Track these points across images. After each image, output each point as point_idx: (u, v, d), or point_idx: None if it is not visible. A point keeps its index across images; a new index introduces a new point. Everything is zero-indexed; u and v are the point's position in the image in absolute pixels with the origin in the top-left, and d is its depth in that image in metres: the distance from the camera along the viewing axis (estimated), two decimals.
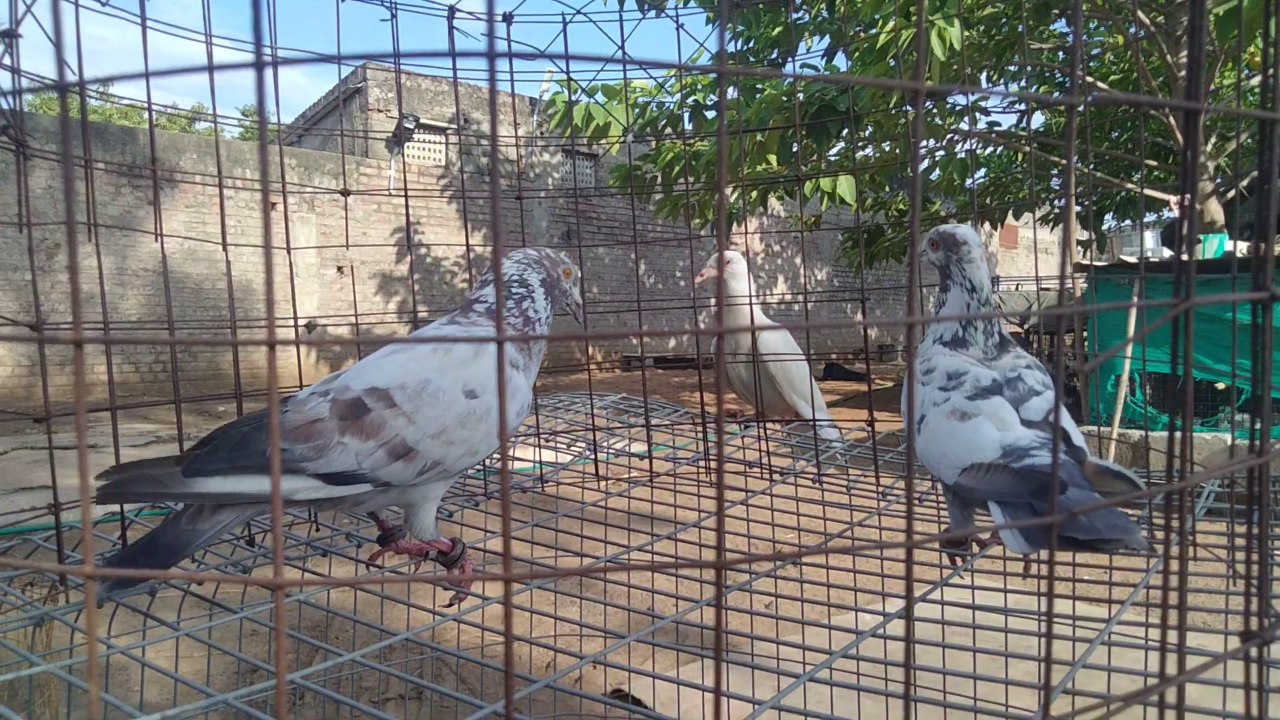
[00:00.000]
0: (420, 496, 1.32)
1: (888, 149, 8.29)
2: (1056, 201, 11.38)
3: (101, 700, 0.96)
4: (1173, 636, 0.54)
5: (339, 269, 12.97)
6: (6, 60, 1.29)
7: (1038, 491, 1.17)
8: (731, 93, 6.66)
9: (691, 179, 7.30)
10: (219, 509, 1.16)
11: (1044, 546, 1.13)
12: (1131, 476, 1.26)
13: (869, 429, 2.01)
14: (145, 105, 1.57)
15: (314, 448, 1.17)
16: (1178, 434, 0.55)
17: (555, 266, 1.50)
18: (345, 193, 1.88)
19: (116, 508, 1.57)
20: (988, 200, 10.46)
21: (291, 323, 2.14)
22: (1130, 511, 1.87)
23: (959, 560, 1.48)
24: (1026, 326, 10.35)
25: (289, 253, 1.81)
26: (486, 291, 1.45)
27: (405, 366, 1.27)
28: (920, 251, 1.62)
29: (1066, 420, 1.37)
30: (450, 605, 1.38)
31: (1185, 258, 0.51)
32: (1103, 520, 1.11)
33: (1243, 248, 5.77)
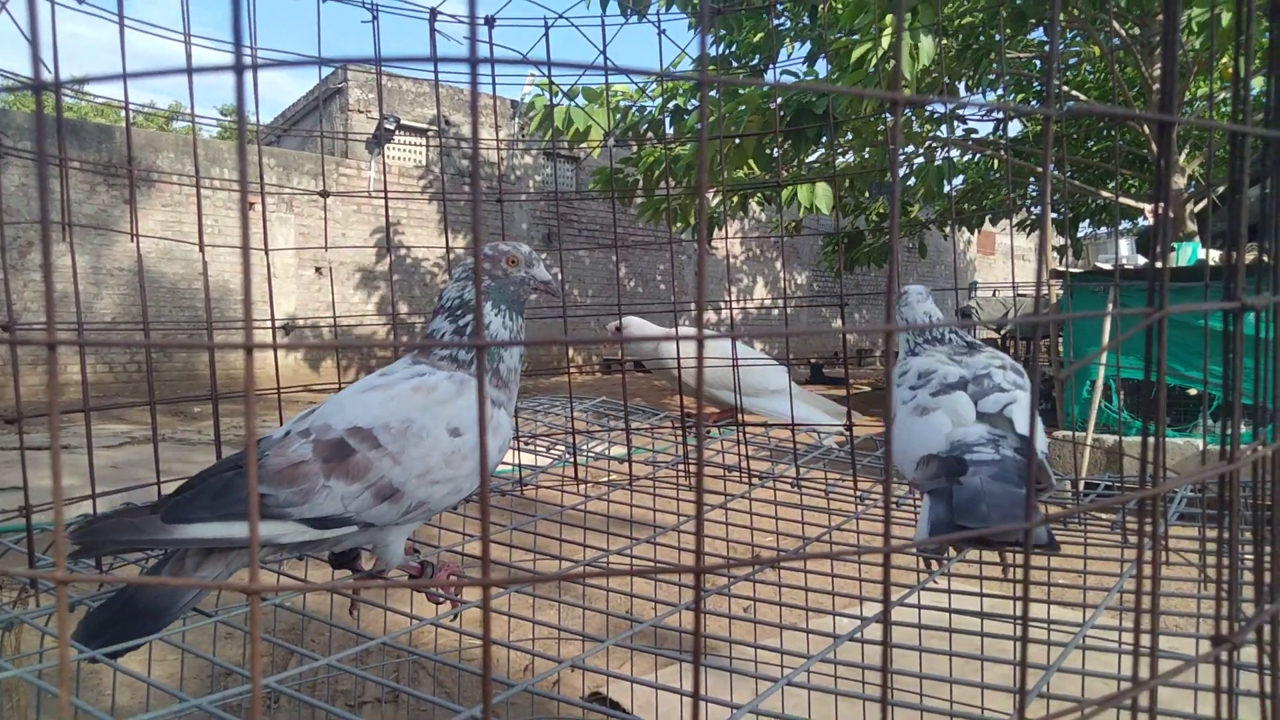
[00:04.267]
0: (397, 534, 1.31)
1: (867, 155, 8.33)
2: (1033, 208, 11.50)
3: (72, 705, 0.95)
4: (1146, 640, 0.55)
5: (318, 270, 12.87)
6: None
7: (939, 475, 1.25)
8: (713, 94, 6.68)
9: (672, 183, 7.31)
10: (202, 563, 1.14)
11: (943, 533, 1.16)
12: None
13: (846, 433, 2.02)
14: (122, 104, 1.56)
15: (299, 492, 1.15)
16: (1151, 440, 0.56)
17: (496, 264, 1.40)
18: (325, 194, 1.87)
19: (89, 509, 1.55)
20: (965, 206, 10.54)
21: (269, 324, 2.12)
22: (1103, 516, 1.89)
23: (935, 564, 1.50)
24: (1003, 333, 10.44)
25: (267, 253, 1.80)
26: (438, 328, 1.39)
27: (386, 405, 1.24)
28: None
29: (1023, 415, 1.41)
30: (441, 604, 1.37)
31: (1159, 266, 0.51)
32: (997, 507, 1.15)
33: (1215, 256, 5.85)
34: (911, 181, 8.93)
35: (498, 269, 1.40)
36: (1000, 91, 8.06)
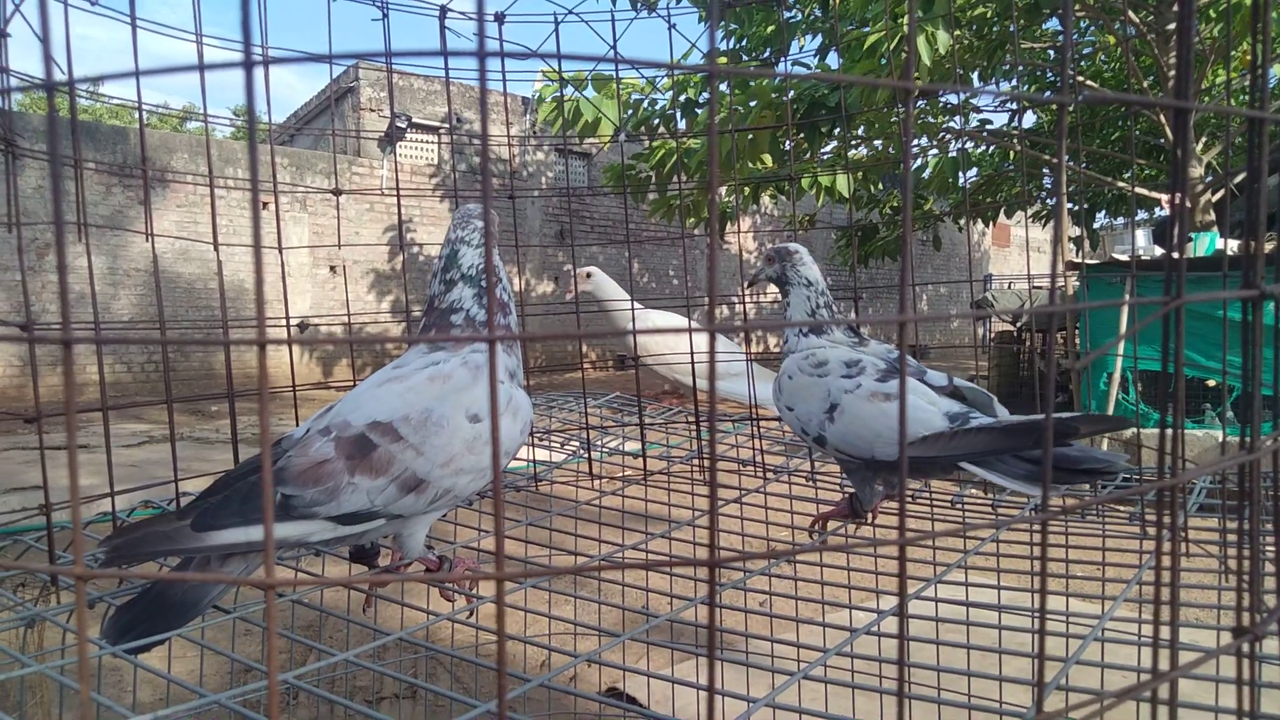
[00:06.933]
0: (422, 524, 1.31)
1: (880, 147, 8.29)
2: (1048, 199, 11.41)
3: (93, 701, 0.95)
4: (1165, 632, 0.54)
5: (332, 268, 12.93)
6: None
7: (1038, 442, 1.32)
8: (723, 89, 6.65)
9: (684, 177, 7.29)
10: (227, 559, 1.15)
11: (1054, 483, 1.35)
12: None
13: None
14: (136, 105, 1.57)
15: (325, 491, 1.15)
16: (1169, 431, 0.56)
17: (492, 229, 1.41)
18: (338, 192, 1.88)
19: (108, 506, 1.57)
20: (980, 198, 10.47)
21: (283, 322, 2.13)
22: (1122, 508, 1.88)
23: (854, 527, 1.70)
24: (1019, 325, 10.37)
25: (281, 252, 1.80)
26: (459, 296, 1.37)
27: (404, 397, 1.23)
28: (759, 271, 1.79)
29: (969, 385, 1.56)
30: (456, 599, 1.38)
31: (1176, 256, 0.51)
32: (1089, 453, 1.33)
33: (1233, 245, 5.79)
34: (926, 174, 8.88)
35: (492, 236, 1.44)
36: (1014, 82, 7.99)
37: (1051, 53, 8.84)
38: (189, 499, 1.46)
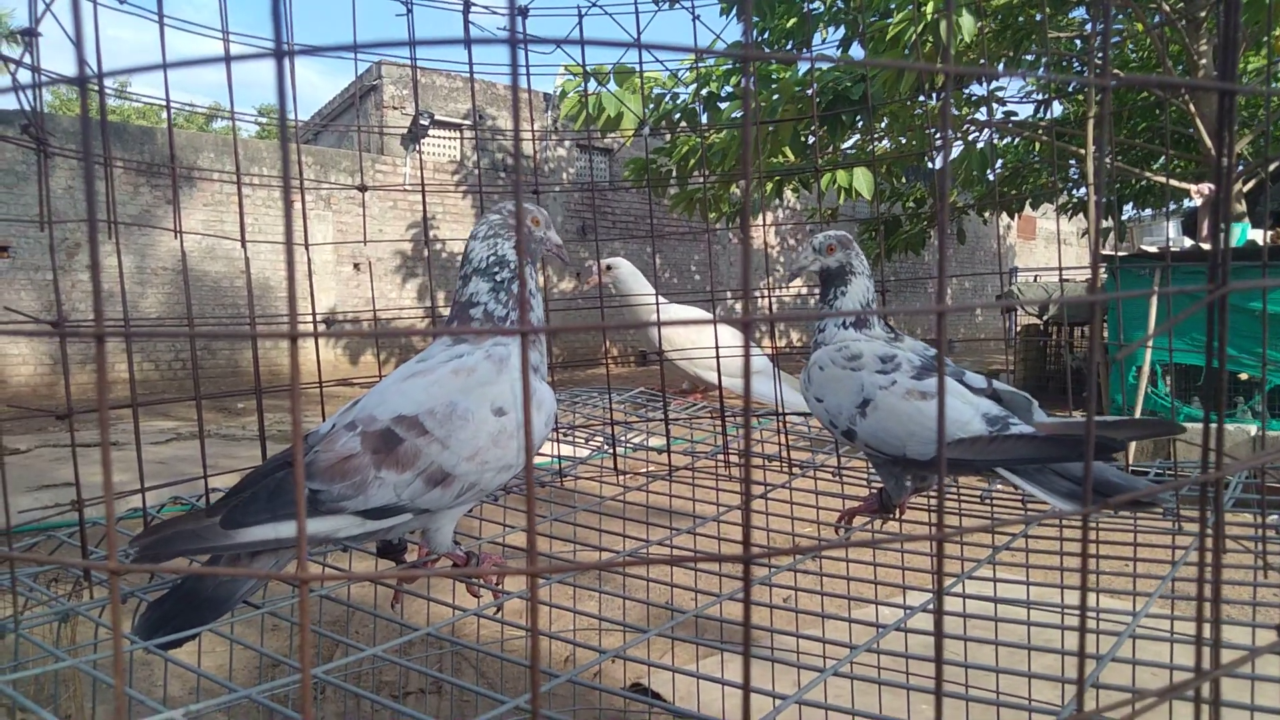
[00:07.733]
0: (449, 519, 1.31)
1: (904, 141, 8.22)
2: (1074, 191, 11.26)
3: (126, 695, 0.96)
4: (1207, 630, 0.53)
5: (356, 266, 13.03)
6: (26, 58, 1.30)
7: (1080, 455, 1.28)
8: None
9: (706, 172, 7.27)
10: (256, 555, 1.15)
11: (1091, 505, 1.26)
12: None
13: None
14: (164, 104, 1.58)
15: (352, 485, 1.15)
16: (1212, 425, 0.54)
17: (522, 220, 1.41)
18: (363, 188, 1.88)
19: (138, 503, 1.58)
20: (1006, 190, 10.35)
21: (310, 319, 2.14)
22: (1157, 506, 1.86)
23: (880, 522, 1.69)
24: (1045, 318, 10.26)
25: (307, 249, 1.82)
26: (475, 290, 1.38)
27: (429, 391, 1.24)
28: (811, 261, 1.70)
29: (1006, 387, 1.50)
30: (482, 596, 1.38)
31: (1220, 243, 0.49)
32: (1133, 483, 1.29)
33: (1263, 236, 5.68)
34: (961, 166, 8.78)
35: (524, 223, 1.43)
36: (1041, 72, 7.90)
37: (1079, 42, 8.73)
38: (218, 495, 1.48)
